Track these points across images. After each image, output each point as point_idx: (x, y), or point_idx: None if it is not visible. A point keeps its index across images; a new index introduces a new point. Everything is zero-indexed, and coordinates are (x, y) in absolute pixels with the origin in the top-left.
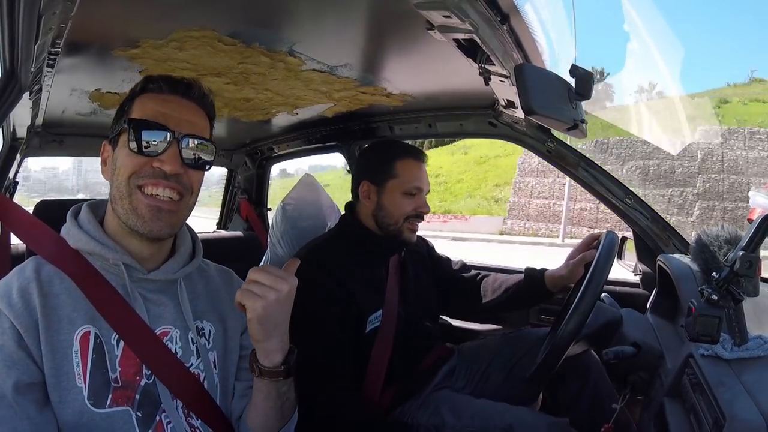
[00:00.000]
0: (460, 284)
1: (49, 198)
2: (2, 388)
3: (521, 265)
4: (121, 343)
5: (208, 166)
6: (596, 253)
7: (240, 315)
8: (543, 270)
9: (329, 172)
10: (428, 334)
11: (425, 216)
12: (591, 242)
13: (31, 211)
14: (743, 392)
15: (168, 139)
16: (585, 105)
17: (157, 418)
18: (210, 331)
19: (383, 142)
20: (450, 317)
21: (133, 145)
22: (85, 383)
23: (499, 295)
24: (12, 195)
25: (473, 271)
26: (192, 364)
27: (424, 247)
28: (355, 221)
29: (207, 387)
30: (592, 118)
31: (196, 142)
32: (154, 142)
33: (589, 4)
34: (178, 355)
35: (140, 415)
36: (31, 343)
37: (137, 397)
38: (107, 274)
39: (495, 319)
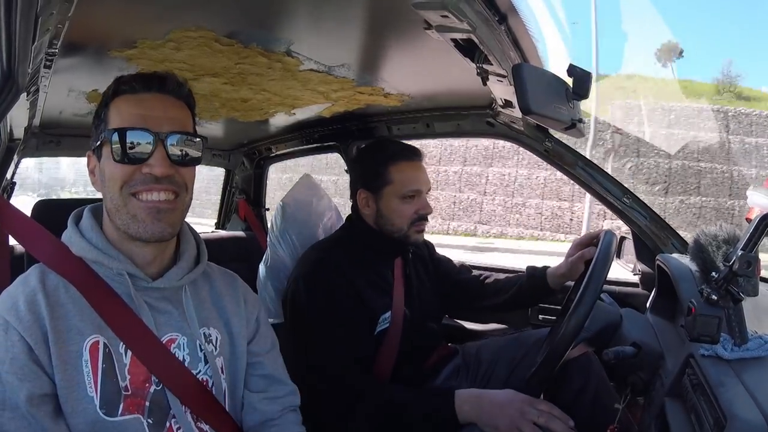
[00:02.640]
0: (462, 285)
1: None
2: (16, 400)
3: (520, 266)
4: (130, 351)
5: (198, 159)
6: (595, 253)
7: (243, 320)
8: (545, 268)
9: None
10: (432, 335)
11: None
12: (590, 240)
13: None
14: (744, 392)
15: (152, 141)
16: None
17: (168, 424)
18: (216, 337)
19: (375, 145)
20: (453, 318)
21: (118, 155)
22: (96, 393)
23: (502, 295)
24: (9, 197)
25: (475, 272)
26: (200, 371)
27: (426, 249)
28: (361, 222)
29: (215, 393)
30: None
31: (181, 138)
32: (138, 148)
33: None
34: (186, 362)
35: (151, 422)
36: (42, 356)
37: (147, 404)
38: (111, 282)
39: (497, 320)
